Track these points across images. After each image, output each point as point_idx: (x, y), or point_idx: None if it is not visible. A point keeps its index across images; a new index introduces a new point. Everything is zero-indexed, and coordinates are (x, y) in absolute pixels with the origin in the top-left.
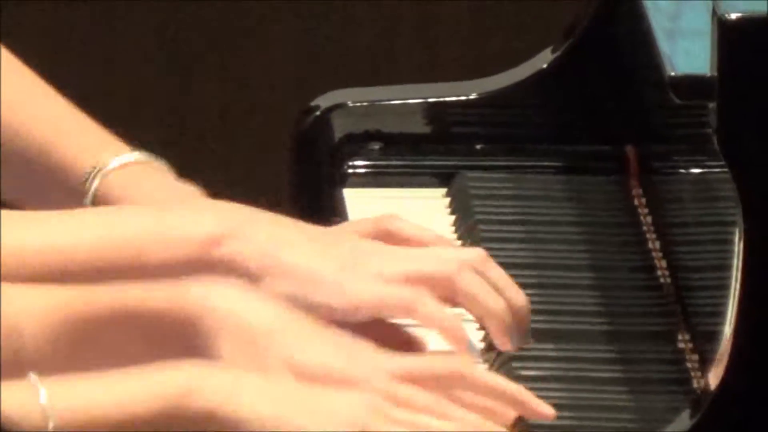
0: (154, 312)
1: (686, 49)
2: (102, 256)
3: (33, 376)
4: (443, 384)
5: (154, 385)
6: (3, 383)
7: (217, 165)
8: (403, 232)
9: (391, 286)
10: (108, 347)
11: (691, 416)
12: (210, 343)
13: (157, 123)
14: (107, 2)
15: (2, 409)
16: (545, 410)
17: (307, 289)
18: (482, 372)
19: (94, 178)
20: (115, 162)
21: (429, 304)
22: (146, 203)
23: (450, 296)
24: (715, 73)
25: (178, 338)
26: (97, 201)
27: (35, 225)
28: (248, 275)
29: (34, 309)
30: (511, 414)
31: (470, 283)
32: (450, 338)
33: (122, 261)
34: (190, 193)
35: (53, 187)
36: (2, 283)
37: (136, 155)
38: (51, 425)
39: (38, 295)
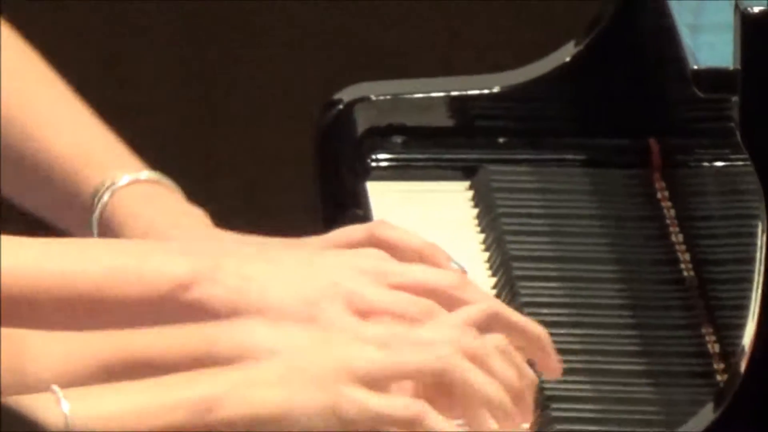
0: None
1: (709, 42)
2: (72, 286)
3: (56, 387)
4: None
5: (184, 388)
6: (27, 396)
7: (242, 158)
8: (390, 240)
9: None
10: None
11: (715, 409)
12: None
13: (182, 115)
14: (127, 3)
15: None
16: (555, 366)
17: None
18: (513, 312)
19: (103, 194)
20: (125, 179)
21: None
22: (148, 224)
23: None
24: (738, 67)
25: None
26: (104, 217)
27: (7, 249)
28: (218, 317)
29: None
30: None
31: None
32: None
33: (93, 294)
34: (195, 215)
35: (69, 202)
36: (25, 331)
37: (146, 174)
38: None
39: (60, 340)
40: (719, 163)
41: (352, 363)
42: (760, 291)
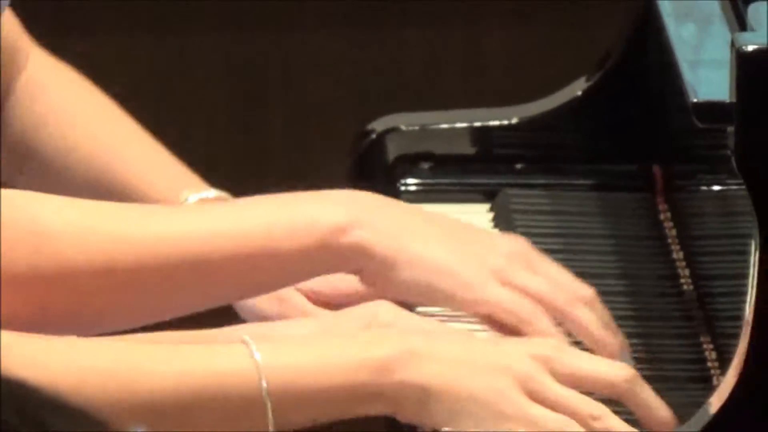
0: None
1: (708, 77)
2: (237, 243)
3: (247, 338)
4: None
5: (361, 355)
6: (212, 345)
7: (280, 182)
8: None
9: (514, 294)
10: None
11: (711, 411)
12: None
13: (226, 142)
14: (178, 38)
15: (217, 368)
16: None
17: (431, 278)
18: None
19: None
20: (194, 198)
21: (543, 322)
22: None
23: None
24: (734, 100)
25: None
26: None
27: (174, 216)
28: (374, 261)
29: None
30: None
31: (582, 317)
32: None
33: (254, 249)
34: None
35: None
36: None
37: (213, 192)
38: (264, 383)
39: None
40: (716, 188)
41: (523, 370)
42: (752, 303)
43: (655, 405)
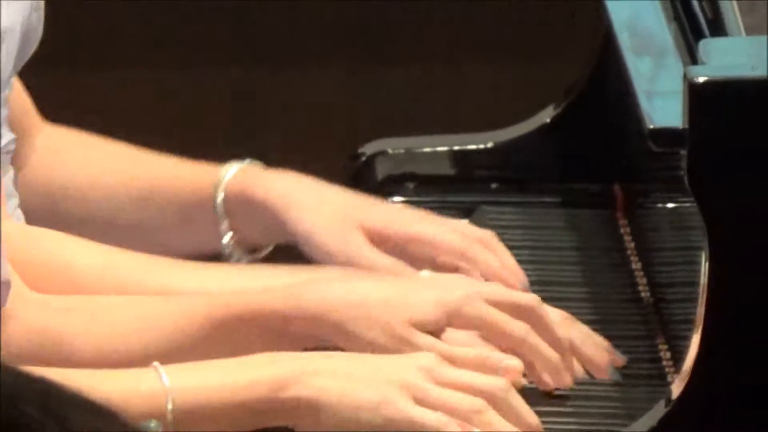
0: (278, 314)
1: (662, 106)
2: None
3: (156, 363)
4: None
5: (258, 374)
6: (131, 370)
7: None
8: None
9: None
10: (232, 343)
11: (666, 405)
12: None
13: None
14: (187, 71)
15: (127, 389)
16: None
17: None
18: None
19: (217, 188)
20: (234, 169)
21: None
22: (274, 188)
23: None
24: (686, 126)
25: (298, 336)
26: (230, 200)
27: (179, 275)
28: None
29: (177, 308)
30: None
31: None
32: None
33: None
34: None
35: (191, 215)
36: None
37: (237, 165)
38: (170, 405)
39: (183, 299)
40: (671, 205)
41: (405, 376)
42: (703, 308)
43: (524, 412)
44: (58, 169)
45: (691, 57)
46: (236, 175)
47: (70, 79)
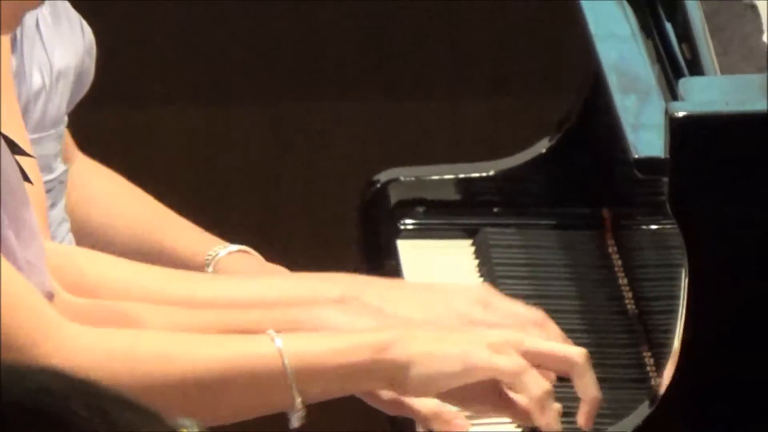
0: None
1: (646, 137)
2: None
3: (270, 331)
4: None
5: (364, 339)
6: (245, 335)
7: (302, 223)
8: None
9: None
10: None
11: (650, 405)
12: None
13: (251, 192)
14: (213, 109)
15: (246, 353)
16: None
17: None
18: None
19: (209, 265)
20: (223, 251)
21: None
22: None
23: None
24: (668, 156)
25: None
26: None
27: (198, 283)
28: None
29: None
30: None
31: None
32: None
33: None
34: (280, 270)
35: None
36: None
37: (237, 246)
38: (286, 363)
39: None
40: (654, 227)
41: (483, 338)
42: (683, 319)
43: (594, 383)
44: (80, 205)
45: (672, 94)
46: (226, 257)
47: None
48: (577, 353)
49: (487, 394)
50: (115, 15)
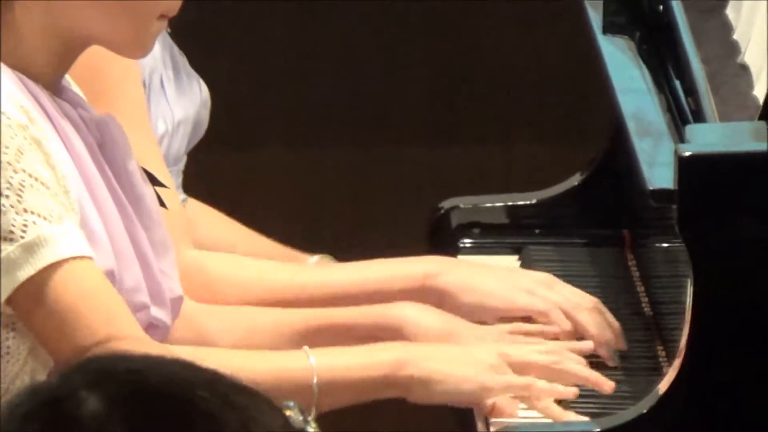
0: (370, 326)
1: (659, 173)
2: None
3: (306, 348)
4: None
5: (383, 356)
6: (280, 352)
7: (382, 241)
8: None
9: (535, 298)
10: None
11: (662, 390)
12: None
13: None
14: (311, 150)
15: (284, 367)
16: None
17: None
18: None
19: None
20: (313, 260)
21: (554, 312)
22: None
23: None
24: (677, 188)
25: (376, 339)
26: None
27: (310, 273)
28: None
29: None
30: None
31: (582, 319)
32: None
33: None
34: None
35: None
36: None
37: (320, 256)
38: (315, 379)
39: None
40: (665, 245)
41: (489, 358)
42: (689, 321)
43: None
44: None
45: (680, 137)
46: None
47: (217, 156)
48: (550, 361)
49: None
50: (226, 73)
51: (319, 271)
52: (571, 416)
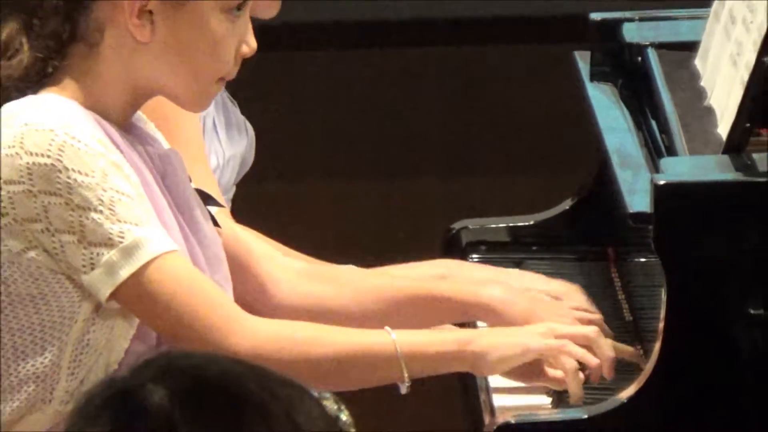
0: (463, 301)
1: (638, 198)
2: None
3: (387, 328)
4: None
5: (454, 336)
6: (363, 330)
7: (404, 257)
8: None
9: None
10: (415, 317)
11: (639, 383)
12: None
13: (369, 235)
14: (343, 180)
15: (372, 343)
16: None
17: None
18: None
19: None
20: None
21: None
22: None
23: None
24: (652, 211)
25: (466, 316)
26: None
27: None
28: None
29: (371, 290)
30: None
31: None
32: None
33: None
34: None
35: None
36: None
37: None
38: (398, 349)
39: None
40: (643, 260)
41: (536, 330)
42: (662, 324)
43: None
44: None
45: (656, 168)
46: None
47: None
48: (591, 331)
49: (534, 370)
50: (271, 117)
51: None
52: (579, 394)
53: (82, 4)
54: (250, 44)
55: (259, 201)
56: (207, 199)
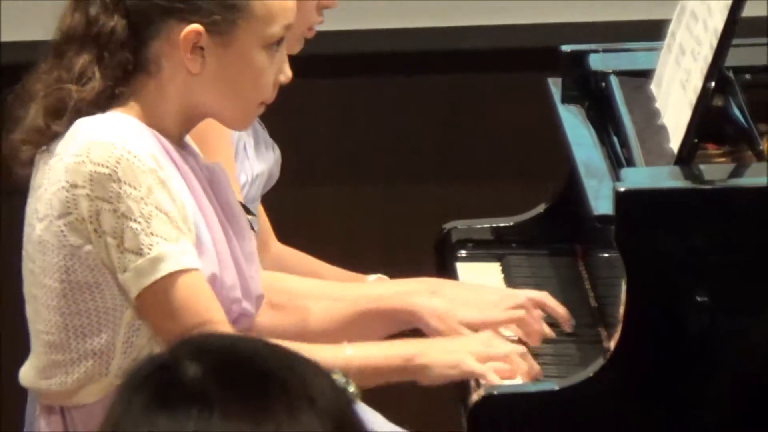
0: (393, 309)
1: (603, 203)
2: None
3: (345, 343)
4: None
5: (399, 350)
6: (324, 346)
7: (406, 254)
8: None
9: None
10: (363, 328)
11: (603, 359)
12: (425, 323)
13: (368, 239)
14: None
15: (324, 357)
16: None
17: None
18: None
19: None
20: (372, 278)
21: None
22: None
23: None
24: (615, 214)
25: (404, 322)
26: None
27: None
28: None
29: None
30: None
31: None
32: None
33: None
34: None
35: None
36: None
37: (377, 276)
38: (350, 364)
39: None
40: (606, 255)
41: (472, 347)
42: (623, 309)
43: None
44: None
45: (617, 177)
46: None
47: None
48: (510, 351)
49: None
50: (292, 136)
51: (358, 287)
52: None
53: (144, 41)
54: (286, 73)
55: (261, 203)
56: (245, 209)
